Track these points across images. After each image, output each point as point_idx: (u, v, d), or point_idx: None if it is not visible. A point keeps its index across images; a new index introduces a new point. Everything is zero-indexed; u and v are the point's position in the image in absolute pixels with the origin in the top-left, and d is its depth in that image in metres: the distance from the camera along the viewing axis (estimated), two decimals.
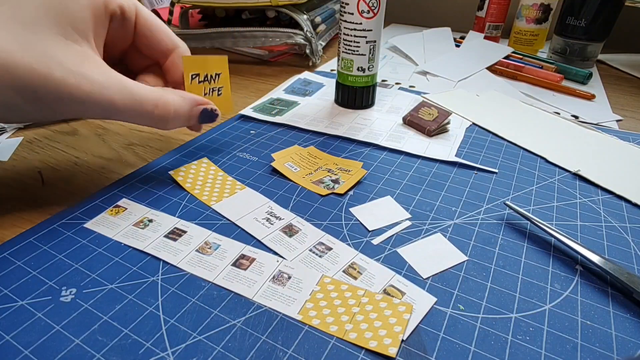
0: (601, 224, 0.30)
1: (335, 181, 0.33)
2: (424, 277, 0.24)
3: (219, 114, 0.32)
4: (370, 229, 0.28)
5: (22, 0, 0.23)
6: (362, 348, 0.20)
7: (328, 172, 0.34)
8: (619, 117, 0.48)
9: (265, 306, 0.22)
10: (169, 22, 0.62)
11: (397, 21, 0.92)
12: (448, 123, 0.42)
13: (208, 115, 0.31)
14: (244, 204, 0.30)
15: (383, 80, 0.57)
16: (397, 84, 0.56)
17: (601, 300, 0.24)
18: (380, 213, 0.30)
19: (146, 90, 0.27)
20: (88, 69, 0.25)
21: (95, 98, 0.25)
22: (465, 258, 0.26)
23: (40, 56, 0.23)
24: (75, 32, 0.25)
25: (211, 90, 0.33)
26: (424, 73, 0.60)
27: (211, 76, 0.33)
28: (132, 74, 0.32)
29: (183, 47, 0.32)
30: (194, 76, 0.32)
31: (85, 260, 0.25)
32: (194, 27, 0.67)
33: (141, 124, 0.29)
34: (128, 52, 0.32)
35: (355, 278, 0.24)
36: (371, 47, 0.42)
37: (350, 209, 0.30)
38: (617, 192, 0.33)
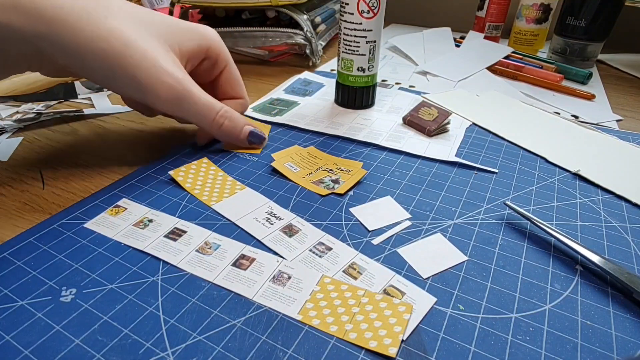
0: (601, 224, 0.30)
1: (335, 181, 0.33)
2: (424, 277, 0.24)
3: (266, 138, 0.38)
4: (370, 229, 0.28)
5: (151, 19, 0.31)
6: (362, 348, 0.20)
7: (328, 172, 0.34)
8: (619, 117, 0.48)
9: (265, 306, 0.22)
10: None
11: (397, 21, 0.92)
12: (448, 123, 0.42)
13: (257, 136, 0.36)
14: (244, 204, 0.30)
15: (383, 80, 0.57)
16: (397, 84, 0.56)
17: (601, 300, 0.24)
18: (381, 213, 0.30)
19: (212, 98, 0.34)
20: (178, 69, 0.31)
21: (176, 88, 0.31)
22: (465, 258, 0.26)
23: (147, 41, 0.30)
24: (177, 52, 0.32)
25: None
26: (424, 73, 0.60)
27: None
28: None
29: (246, 102, 0.39)
30: None
31: (85, 260, 0.25)
32: None
33: (199, 124, 0.34)
34: (206, 87, 0.37)
35: (355, 278, 0.24)
36: (371, 47, 0.42)
37: (351, 209, 0.30)
38: (617, 192, 0.33)
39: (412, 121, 0.42)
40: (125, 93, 0.33)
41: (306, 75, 0.56)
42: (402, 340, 0.21)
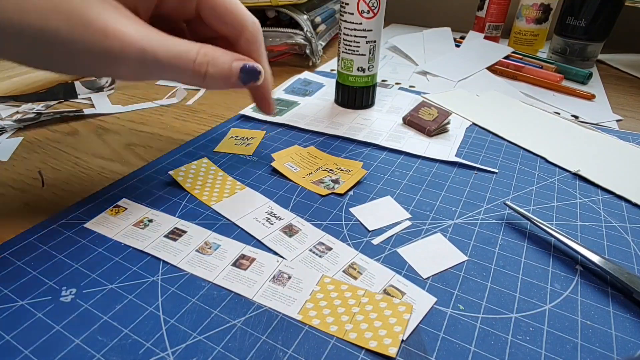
0: (601, 224, 0.30)
1: (335, 181, 0.33)
2: (424, 277, 0.24)
3: (262, 72, 0.28)
4: (370, 229, 0.28)
5: None
6: (362, 348, 0.20)
7: (328, 172, 0.34)
8: (619, 117, 0.48)
9: (265, 306, 0.22)
10: None
11: (397, 21, 0.92)
12: (448, 123, 0.42)
13: (250, 72, 0.28)
14: (244, 204, 0.30)
15: (383, 80, 0.57)
16: (397, 84, 0.56)
17: (601, 300, 0.24)
18: (381, 213, 0.30)
19: (185, 42, 0.25)
20: (122, 24, 0.23)
21: (127, 51, 0.23)
22: (465, 258, 0.26)
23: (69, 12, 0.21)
24: None
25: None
26: (424, 73, 0.60)
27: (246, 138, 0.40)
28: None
29: (252, 28, 0.29)
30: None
31: (85, 260, 0.25)
32: None
33: (180, 81, 0.26)
34: (192, 22, 0.30)
35: (355, 278, 0.24)
36: (371, 47, 0.42)
37: (351, 209, 0.30)
38: (617, 192, 0.33)
39: (412, 121, 0.42)
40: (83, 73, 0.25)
41: (306, 75, 0.56)
42: (402, 340, 0.21)
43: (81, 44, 0.21)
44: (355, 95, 0.46)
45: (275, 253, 0.26)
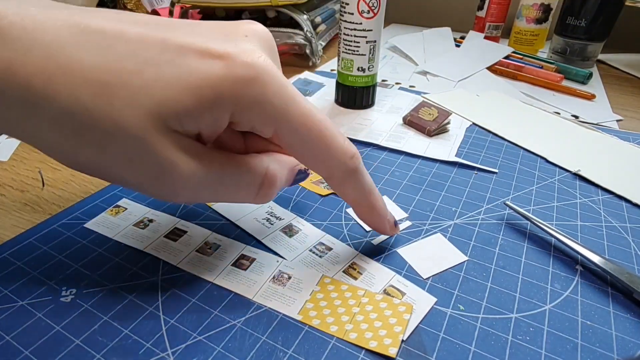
0: (601, 224, 0.30)
1: None
2: (424, 278, 0.24)
3: (309, 173, 0.25)
4: (368, 229, 0.28)
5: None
6: (362, 348, 0.20)
7: None
8: (619, 117, 0.48)
9: (266, 306, 0.22)
10: None
11: (397, 21, 0.92)
12: (448, 123, 0.42)
13: (302, 177, 0.25)
14: (244, 204, 0.30)
15: (383, 80, 0.57)
16: (397, 84, 0.56)
17: (601, 300, 0.24)
18: None
19: (246, 171, 0.21)
20: (180, 160, 0.19)
21: (180, 191, 0.19)
22: (466, 258, 0.26)
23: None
24: (172, 116, 0.18)
25: None
26: (424, 73, 0.60)
27: None
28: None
29: (338, 175, 0.22)
30: None
31: (85, 260, 0.25)
32: None
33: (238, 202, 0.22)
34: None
35: (355, 278, 0.24)
36: (371, 47, 0.42)
37: (347, 210, 0.30)
38: (618, 192, 0.33)
39: (412, 121, 0.42)
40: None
41: (306, 75, 0.56)
42: (402, 341, 0.21)
43: (134, 180, 0.19)
44: (355, 95, 0.46)
45: (275, 253, 0.26)
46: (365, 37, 0.41)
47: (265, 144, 0.23)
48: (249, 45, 0.19)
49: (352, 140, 0.40)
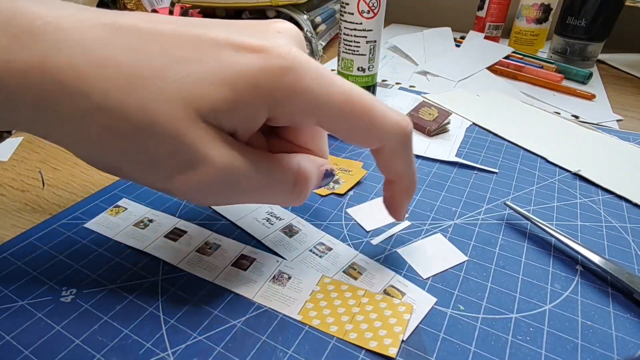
0: (601, 224, 0.30)
1: (335, 181, 0.33)
2: (424, 278, 0.24)
3: (334, 174, 0.25)
4: (368, 229, 0.28)
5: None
6: (362, 348, 0.20)
7: None
8: (619, 117, 0.48)
9: (266, 306, 0.22)
10: None
11: (397, 21, 0.92)
12: (448, 123, 0.42)
13: (329, 177, 0.24)
14: (244, 205, 0.30)
15: (383, 80, 0.57)
16: (397, 84, 0.56)
17: (601, 300, 0.24)
18: (378, 213, 0.29)
19: (279, 168, 0.20)
20: (213, 149, 0.18)
21: (211, 178, 0.18)
22: (466, 258, 0.26)
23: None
24: (206, 108, 0.17)
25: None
26: (424, 73, 0.60)
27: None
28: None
29: (392, 145, 0.21)
30: None
31: (86, 260, 0.25)
32: None
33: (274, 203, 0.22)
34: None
35: (355, 278, 0.24)
36: (371, 47, 0.42)
37: (347, 210, 0.30)
38: (618, 192, 0.33)
39: (412, 121, 0.42)
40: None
41: None
42: (403, 341, 0.21)
43: (164, 175, 0.18)
44: None
45: (276, 253, 0.26)
46: (366, 37, 0.41)
47: (290, 146, 0.22)
48: (283, 40, 0.19)
49: None
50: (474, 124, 0.44)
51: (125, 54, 0.16)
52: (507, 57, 0.64)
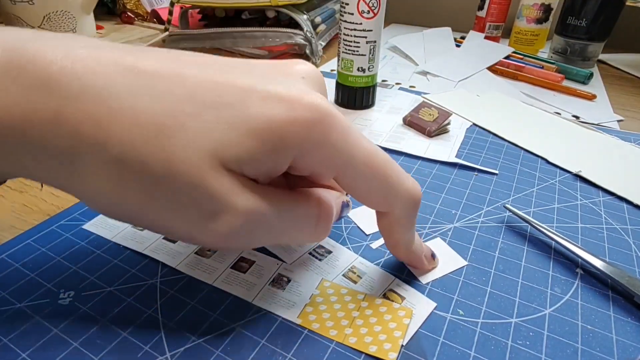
0: (602, 225, 0.30)
1: None
2: (424, 282, 0.24)
3: (350, 205, 0.25)
4: (368, 233, 0.28)
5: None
6: (361, 353, 0.20)
7: None
8: (620, 118, 0.48)
9: (265, 310, 0.22)
10: (168, 22, 0.62)
11: (397, 21, 0.91)
12: (448, 124, 0.42)
13: (346, 208, 0.25)
14: None
15: (383, 81, 0.57)
16: (397, 84, 0.56)
17: (602, 304, 0.23)
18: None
19: (301, 208, 0.20)
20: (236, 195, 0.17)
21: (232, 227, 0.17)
22: (465, 263, 0.26)
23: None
24: (229, 158, 0.17)
25: None
26: (424, 73, 0.60)
27: None
28: None
29: (398, 213, 0.21)
30: None
31: (84, 262, 0.25)
32: (193, 27, 0.67)
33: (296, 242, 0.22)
34: None
35: (355, 282, 0.24)
36: (371, 47, 0.42)
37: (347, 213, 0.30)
38: (619, 193, 0.33)
39: (412, 122, 0.42)
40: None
41: None
42: (402, 345, 0.20)
43: (184, 226, 0.17)
44: (355, 95, 0.45)
45: (275, 256, 0.26)
46: (365, 37, 0.41)
47: (308, 182, 0.22)
48: (308, 86, 0.19)
49: None
50: (474, 124, 0.44)
51: (146, 103, 0.16)
52: (507, 57, 0.63)
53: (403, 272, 0.25)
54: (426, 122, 0.41)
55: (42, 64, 0.15)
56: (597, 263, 0.25)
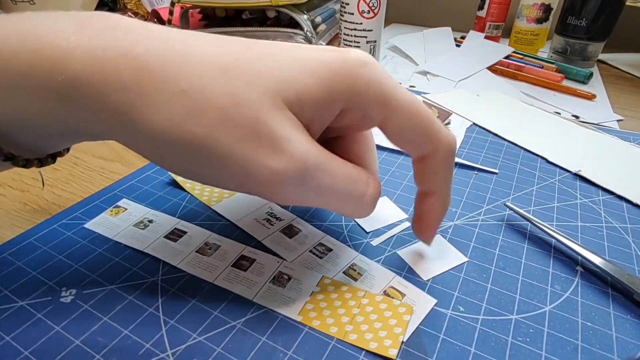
0: (602, 224, 0.30)
1: None
2: (424, 279, 0.24)
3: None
4: (368, 230, 0.28)
5: (248, 58, 0.18)
6: (362, 349, 0.20)
7: None
8: (620, 117, 0.48)
9: (266, 307, 0.22)
10: (169, 22, 0.62)
11: (397, 21, 0.92)
12: (448, 123, 0.42)
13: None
14: (244, 205, 0.30)
15: None
16: None
17: (602, 301, 0.24)
18: (378, 214, 0.29)
19: (355, 171, 0.21)
20: (293, 140, 0.18)
21: (290, 171, 0.18)
22: (466, 259, 0.26)
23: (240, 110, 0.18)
24: (296, 103, 0.18)
25: None
26: (425, 73, 0.60)
27: None
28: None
29: (443, 153, 0.22)
30: None
31: (85, 260, 0.25)
32: (194, 27, 0.67)
33: (342, 210, 0.21)
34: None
35: (355, 279, 0.24)
36: (371, 47, 0.42)
37: None
38: (618, 193, 0.33)
39: None
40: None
41: None
42: (403, 342, 0.21)
43: (240, 159, 0.18)
44: None
45: (276, 254, 0.26)
46: (366, 37, 0.41)
47: (346, 147, 0.24)
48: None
49: None
50: (474, 124, 0.44)
51: (209, 48, 0.18)
52: (507, 57, 0.63)
53: (403, 269, 0.25)
54: None
55: (115, 17, 0.18)
56: (597, 261, 0.25)
